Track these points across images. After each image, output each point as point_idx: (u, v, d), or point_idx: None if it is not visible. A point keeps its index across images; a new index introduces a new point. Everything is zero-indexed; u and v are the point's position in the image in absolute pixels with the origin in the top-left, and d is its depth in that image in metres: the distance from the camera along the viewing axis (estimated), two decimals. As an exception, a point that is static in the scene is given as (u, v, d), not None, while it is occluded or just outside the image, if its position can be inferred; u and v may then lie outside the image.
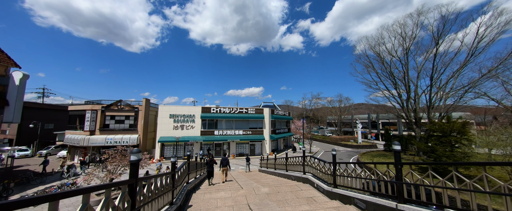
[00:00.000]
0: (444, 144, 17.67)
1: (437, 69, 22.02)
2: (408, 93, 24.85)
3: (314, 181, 7.59)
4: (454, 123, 17.14)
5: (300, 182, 8.93)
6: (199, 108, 28.82)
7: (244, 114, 30.56)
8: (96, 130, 24.59)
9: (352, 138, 49.55)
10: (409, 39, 23.91)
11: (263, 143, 31.16)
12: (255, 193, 6.75)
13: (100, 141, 23.83)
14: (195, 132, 28.10)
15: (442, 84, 22.60)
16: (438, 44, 21.55)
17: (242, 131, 30.12)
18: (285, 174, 11.03)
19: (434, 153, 17.87)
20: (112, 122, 25.62)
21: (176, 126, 27.41)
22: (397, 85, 25.39)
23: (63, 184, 14.73)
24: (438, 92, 22.84)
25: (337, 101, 65.03)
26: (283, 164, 12.52)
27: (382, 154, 29.22)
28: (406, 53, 23.90)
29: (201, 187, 9.07)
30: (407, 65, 24.19)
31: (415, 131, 25.00)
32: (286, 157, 11.45)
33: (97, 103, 25.55)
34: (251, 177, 13.56)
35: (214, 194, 6.73)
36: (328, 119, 78.20)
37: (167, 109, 27.38)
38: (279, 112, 36.48)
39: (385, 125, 56.97)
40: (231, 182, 10.21)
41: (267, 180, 10.32)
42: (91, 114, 24.23)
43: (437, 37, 21.55)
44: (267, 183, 9.18)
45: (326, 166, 7.30)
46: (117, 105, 25.84)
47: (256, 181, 10.07)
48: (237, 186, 8.67)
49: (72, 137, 24.44)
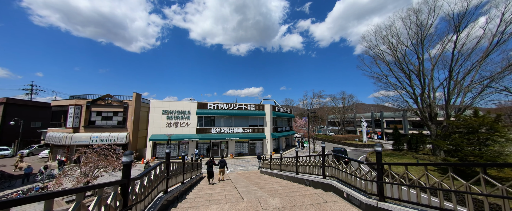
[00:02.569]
0: (471, 141, 15.58)
1: (457, 59, 19.93)
2: (422, 87, 22.76)
3: (342, 188, 5.43)
4: (484, 117, 15.04)
5: (319, 188, 6.78)
6: (195, 103, 26.61)
7: (243, 110, 28.39)
8: (80, 127, 22.33)
9: (356, 136, 47.48)
10: (424, 28, 21.83)
11: (264, 141, 29.00)
12: (262, 209, 4.58)
13: (84, 139, 21.56)
14: (191, 129, 25.89)
15: (461, 78, 20.54)
16: (458, 31, 19.46)
17: (241, 129, 27.95)
18: (295, 178, 8.88)
19: (460, 151, 15.77)
20: (98, 118, 23.35)
21: (170, 123, 25.18)
22: (411, 78, 23.29)
23: (30, 188, 12.49)
24: (456, 86, 20.77)
25: (340, 99, 62.89)
26: (291, 164, 10.36)
27: (392, 154, 27.15)
28: (422, 42, 21.80)
29: (188, 196, 6.90)
30: (422, 55, 22.09)
31: (430, 128, 22.89)
32: (297, 156, 9.29)
33: (82, 97, 23.26)
34: (252, 180, 11.39)
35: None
36: (330, 117, 76.18)
37: (160, 104, 25.14)
38: (280, 109, 34.34)
39: (389, 123, 55.02)
40: (229, 188, 8.04)
41: (273, 186, 8.15)
42: (74, 110, 21.96)
43: (457, 24, 19.46)
44: (275, 190, 7.01)
45: (363, 169, 5.14)
46: (104, 100, 23.58)
47: (260, 187, 7.91)
48: (236, 194, 6.49)
49: (54, 135, 22.17)
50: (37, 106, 36.32)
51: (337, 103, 63.69)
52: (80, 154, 11.61)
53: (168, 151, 5.54)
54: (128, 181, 3.06)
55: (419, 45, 22.00)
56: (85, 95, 23.67)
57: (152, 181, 4.30)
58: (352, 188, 5.30)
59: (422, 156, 24.17)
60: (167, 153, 5.57)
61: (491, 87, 19.57)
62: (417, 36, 21.99)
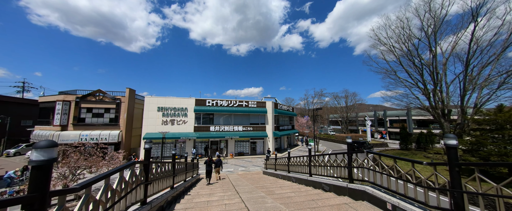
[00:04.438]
0: (495, 139, 14.18)
1: (474, 51, 18.53)
2: (435, 82, 21.35)
3: (384, 197, 3.96)
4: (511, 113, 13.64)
5: (343, 195, 5.30)
6: (193, 100, 25.09)
7: (244, 107, 26.91)
8: (69, 124, 20.78)
9: (360, 136, 46.11)
10: (437, 18, 20.43)
11: (266, 140, 27.53)
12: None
13: (73, 137, 20.00)
14: (188, 127, 24.38)
15: (477, 72, 19.14)
16: (476, 21, 18.05)
17: (241, 127, 26.47)
18: (308, 181, 7.42)
19: (481, 150, 14.37)
20: (88, 115, 21.80)
21: (166, 120, 23.66)
22: (423, 73, 21.89)
23: (3, 192, 10.97)
24: (472, 81, 19.36)
25: (343, 98, 61.44)
26: (302, 164, 8.90)
27: (401, 153, 25.79)
28: (435, 34, 20.40)
29: (179, 205, 5.40)
30: (435, 48, 20.68)
31: (443, 126, 21.47)
32: (309, 154, 7.83)
33: (71, 93, 21.69)
34: (256, 182, 9.92)
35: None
36: (331, 117, 74.78)
37: (155, 100, 23.60)
38: (282, 106, 32.89)
39: (392, 122, 53.69)
40: (230, 194, 6.55)
41: (284, 190, 6.67)
42: (62, 106, 20.40)
43: (475, 13, 18.06)
44: (288, 197, 5.53)
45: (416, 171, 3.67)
46: (95, 96, 22.02)
47: (268, 192, 6.44)
48: (239, 203, 5.00)
49: (40, 133, 20.62)
50: (28, 104, 34.67)
51: (340, 102, 62.18)
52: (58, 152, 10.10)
53: (148, 147, 4.05)
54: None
55: (432, 37, 20.60)
56: (75, 91, 22.10)
57: (114, 191, 2.82)
58: (402, 199, 3.83)
59: (434, 156, 22.78)
60: (146, 149, 4.09)
61: (507, 83, 18.23)
62: (430, 27, 20.58)
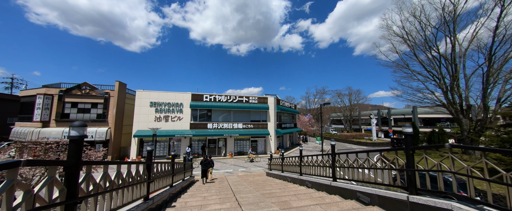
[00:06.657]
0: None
1: (501, 39, 16.75)
2: (452, 75, 19.56)
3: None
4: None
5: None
6: (189, 94, 23.18)
7: (244, 103, 25.03)
8: (51, 120, 18.84)
9: (365, 135, 44.35)
10: (455, 5, 18.66)
11: (268, 138, 25.66)
12: None
13: (55, 134, 18.05)
14: (183, 124, 22.47)
15: (501, 62, 17.39)
16: (504, 6, 16.25)
17: (241, 124, 24.59)
18: (331, 187, 5.56)
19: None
20: (73, 110, 19.85)
21: (159, 116, 21.74)
22: (440, 65, 20.10)
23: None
24: (495, 73, 17.59)
25: (346, 96, 59.60)
26: (317, 165, 7.02)
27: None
28: (454, 21, 18.60)
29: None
30: (454, 38, 18.88)
31: (461, 123, 19.69)
32: (333, 153, 5.95)
33: (54, 86, 19.73)
34: (260, 187, 8.04)
35: None
36: (332, 116, 73.02)
37: (147, 95, 21.66)
38: (285, 103, 31.05)
39: (397, 121, 51.96)
40: (229, 207, 4.67)
41: (304, 202, 4.79)
42: (43, 100, 18.44)
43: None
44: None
45: None
46: (80, 89, 20.07)
47: (279, 202, 4.55)
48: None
49: (20, 130, 18.69)
50: (14, 100, 32.64)
51: (343, 99, 60.31)
52: (13, 149, 8.22)
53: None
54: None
55: (451, 25, 18.80)
56: (59, 84, 20.14)
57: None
58: None
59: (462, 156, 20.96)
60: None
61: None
62: (450, 14, 18.78)
